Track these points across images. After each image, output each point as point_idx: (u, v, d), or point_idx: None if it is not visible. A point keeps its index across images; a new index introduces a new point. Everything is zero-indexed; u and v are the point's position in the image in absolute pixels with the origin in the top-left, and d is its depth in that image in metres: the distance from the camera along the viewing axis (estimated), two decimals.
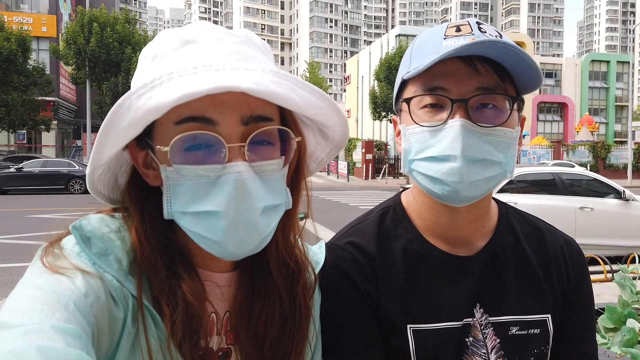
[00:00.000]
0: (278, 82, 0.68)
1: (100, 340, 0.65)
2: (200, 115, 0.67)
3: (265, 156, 0.72)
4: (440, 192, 0.87)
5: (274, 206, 0.73)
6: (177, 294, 0.71)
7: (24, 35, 26.86)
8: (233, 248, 0.70)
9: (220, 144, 0.68)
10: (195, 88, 0.62)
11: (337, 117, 0.80)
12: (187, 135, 0.67)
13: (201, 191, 0.68)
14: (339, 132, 0.85)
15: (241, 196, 0.67)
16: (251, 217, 0.68)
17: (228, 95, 0.67)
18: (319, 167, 0.92)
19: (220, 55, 0.71)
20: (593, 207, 7.69)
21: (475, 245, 0.98)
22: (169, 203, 0.71)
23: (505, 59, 0.83)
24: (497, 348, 0.92)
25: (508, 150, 0.87)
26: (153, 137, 0.72)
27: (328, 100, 0.76)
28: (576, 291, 1.00)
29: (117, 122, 0.66)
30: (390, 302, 0.93)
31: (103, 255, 0.69)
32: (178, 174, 0.69)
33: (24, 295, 0.60)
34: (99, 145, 0.68)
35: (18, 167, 19.38)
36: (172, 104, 0.63)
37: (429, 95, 0.87)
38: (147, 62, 0.75)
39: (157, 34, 0.78)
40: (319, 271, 0.92)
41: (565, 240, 1.05)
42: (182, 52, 0.72)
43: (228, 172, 0.67)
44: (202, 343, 0.75)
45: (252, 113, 0.70)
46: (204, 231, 0.69)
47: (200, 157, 0.68)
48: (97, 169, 0.74)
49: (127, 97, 0.66)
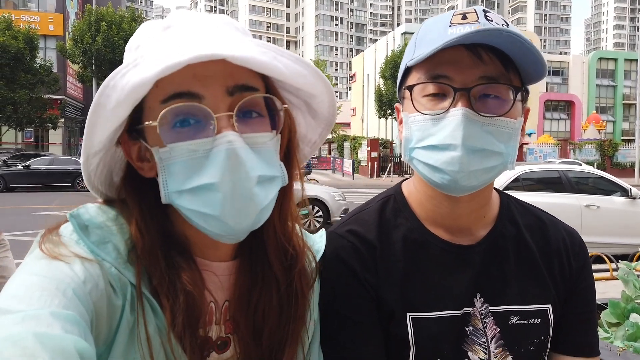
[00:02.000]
0: (260, 51, 0.69)
1: (99, 328, 0.65)
2: (186, 90, 0.68)
3: (255, 129, 0.72)
4: (439, 181, 0.87)
5: (269, 177, 0.72)
6: (177, 285, 0.71)
7: (31, 33, 27.00)
8: (232, 222, 0.69)
9: (208, 115, 0.68)
10: (178, 59, 0.62)
11: (322, 84, 0.79)
12: (174, 107, 0.68)
13: (195, 166, 0.68)
14: (326, 104, 0.84)
15: (234, 165, 0.67)
16: (247, 187, 0.68)
17: (211, 68, 0.67)
18: (313, 150, 0.92)
19: (200, 33, 0.72)
20: (599, 205, 7.64)
21: (476, 234, 0.98)
22: (165, 184, 0.71)
23: (511, 48, 0.82)
24: (497, 337, 0.92)
25: (509, 140, 0.86)
26: (143, 122, 0.72)
27: (311, 67, 0.76)
28: (578, 282, 1.00)
29: (104, 103, 0.66)
30: (390, 291, 0.93)
31: (101, 243, 0.69)
32: (171, 154, 0.69)
33: (22, 281, 0.61)
34: (89, 130, 0.68)
35: (25, 165, 19.47)
36: (156, 77, 0.63)
37: (431, 84, 0.86)
38: (131, 53, 0.76)
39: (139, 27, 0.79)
40: (319, 259, 0.92)
41: (568, 231, 1.04)
42: (163, 35, 0.73)
43: (219, 144, 0.67)
44: (200, 332, 0.75)
45: (237, 82, 0.70)
46: (201, 207, 0.69)
47: (190, 132, 0.69)
48: (91, 157, 0.74)
49: (112, 77, 0.66)
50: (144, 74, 0.64)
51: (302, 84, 0.77)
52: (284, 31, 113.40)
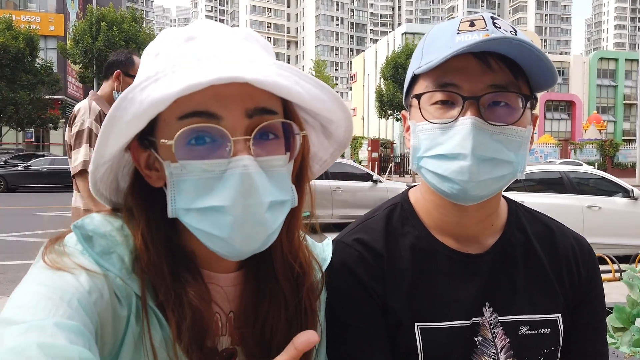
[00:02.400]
0: (282, 74, 0.68)
1: (104, 339, 0.64)
2: (204, 110, 0.67)
3: (270, 151, 0.71)
4: (449, 191, 0.86)
5: (280, 202, 0.71)
6: (184, 300, 0.70)
7: (32, 34, 27.00)
8: (239, 245, 0.69)
9: (225, 137, 0.67)
10: (200, 79, 0.61)
11: (341, 111, 0.78)
12: (192, 128, 0.66)
13: (206, 186, 0.67)
14: (343, 129, 0.83)
15: (247, 190, 0.66)
16: (258, 212, 0.67)
17: (231, 89, 0.66)
18: (322, 169, 0.90)
19: (223, 48, 0.71)
20: (601, 205, 7.63)
21: (484, 243, 0.96)
22: (173, 200, 0.69)
23: (520, 56, 0.81)
24: (507, 348, 0.91)
25: (519, 149, 0.85)
26: (156, 134, 0.71)
27: (332, 94, 0.75)
28: (587, 291, 0.98)
29: (120, 115, 0.65)
30: (398, 300, 0.92)
31: (106, 254, 0.68)
32: (182, 170, 0.68)
33: (27, 292, 0.60)
34: (101, 141, 0.67)
35: (26, 165, 19.51)
36: (176, 95, 0.62)
37: (440, 92, 0.85)
38: (150, 59, 0.75)
39: (160, 33, 0.78)
40: (325, 269, 0.91)
41: (576, 239, 1.03)
42: (185, 47, 0.71)
43: (234, 167, 0.66)
44: (208, 343, 0.74)
45: (257, 105, 0.69)
46: (209, 228, 0.68)
47: (205, 152, 0.67)
48: (100, 167, 0.73)
49: (131, 90, 0.65)
50: (165, 90, 0.62)
51: (321, 109, 0.75)
52: (285, 31, 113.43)
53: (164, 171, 0.71)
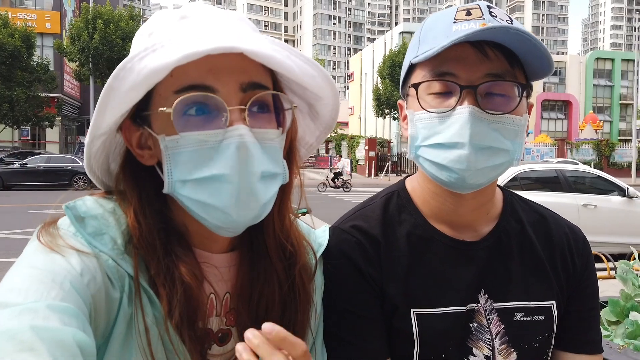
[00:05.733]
0: (275, 49, 0.70)
1: (97, 321, 0.65)
2: (200, 83, 0.68)
3: (263, 125, 0.73)
4: (446, 179, 0.87)
5: (272, 174, 0.73)
6: (175, 275, 0.71)
7: (28, 31, 26.88)
8: (235, 214, 0.69)
9: (221, 107, 0.68)
10: (197, 48, 0.63)
11: (329, 87, 0.80)
12: (190, 96, 0.68)
13: (203, 157, 0.68)
14: (330, 107, 0.85)
15: (244, 158, 0.67)
16: (252, 181, 0.68)
17: (226, 61, 0.68)
18: (308, 152, 0.92)
19: (216, 26, 0.73)
20: (597, 204, 7.66)
21: (480, 231, 0.98)
22: (169, 173, 0.70)
23: (517, 45, 0.82)
24: (502, 334, 0.92)
25: (516, 137, 0.86)
26: (152, 109, 0.72)
27: (321, 70, 0.77)
28: (582, 279, 1.00)
29: (119, 85, 0.65)
30: (394, 286, 0.93)
31: (98, 234, 0.69)
32: (178, 142, 0.69)
33: (19, 274, 0.61)
34: (99, 112, 0.68)
35: (22, 163, 19.42)
36: (174, 64, 0.63)
37: (437, 81, 0.86)
38: (144, 38, 0.76)
39: (152, 15, 0.79)
40: (321, 254, 0.92)
41: (571, 228, 1.04)
42: (179, 26, 0.73)
43: (230, 136, 0.68)
44: (200, 324, 0.74)
45: (250, 79, 0.71)
46: (206, 197, 0.69)
47: (201, 123, 0.69)
48: (96, 139, 0.73)
49: (129, 60, 0.66)
50: (163, 59, 0.64)
51: (311, 85, 0.77)
52: (282, 30, 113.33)
53: (158, 147, 0.71)
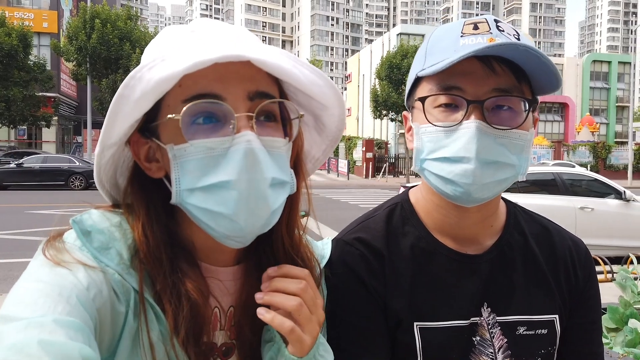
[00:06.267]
0: (282, 58, 0.71)
1: (103, 335, 0.65)
2: (208, 91, 0.69)
3: (270, 133, 0.73)
4: (452, 193, 0.87)
5: (281, 182, 0.73)
6: (181, 290, 0.70)
7: (25, 30, 26.74)
8: (243, 222, 0.69)
9: (229, 114, 0.69)
10: (205, 57, 0.64)
11: (336, 97, 0.80)
12: (197, 104, 0.68)
13: (211, 164, 0.68)
14: (336, 117, 0.84)
15: (251, 164, 0.67)
16: (261, 187, 0.68)
17: (234, 70, 0.69)
18: (315, 166, 0.92)
19: (224, 37, 0.74)
20: (593, 207, 7.69)
21: (483, 244, 0.97)
22: (177, 182, 0.70)
23: (525, 61, 0.82)
24: (505, 348, 0.92)
25: (522, 152, 0.86)
26: (159, 119, 0.72)
27: (327, 80, 0.78)
28: (584, 292, 0.99)
29: (129, 94, 0.66)
30: (398, 299, 0.92)
31: (104, 249, 0.69)
32: (186, 151, 0.69)
33: (26, 288, 0.60)
34: (109, 120, 0.68)
35: (18, 163, 19.34)
36: (183, 72, 0.64)
37: (444, 95, 0.86)
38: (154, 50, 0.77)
39: (161, 32, 0.80)
40: (324, 266, 0.91)
41: (574, 240, 1.04)
42: (188, 38, 0.74)
43: (238, 142, 0.68)
44: (204, 338, 0.74)
45: (257, 88, 0.72)
46: (214, 205, 0.68)
47: (209, 131, 0.69)
48: (106, 150, 0.73)
49: (139, 70, 0.66)
50: (172, 68, 0.64)
51: (317, 93, 0.77)
52: (280, 31, 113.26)
53: (165, 159, 0.72)
